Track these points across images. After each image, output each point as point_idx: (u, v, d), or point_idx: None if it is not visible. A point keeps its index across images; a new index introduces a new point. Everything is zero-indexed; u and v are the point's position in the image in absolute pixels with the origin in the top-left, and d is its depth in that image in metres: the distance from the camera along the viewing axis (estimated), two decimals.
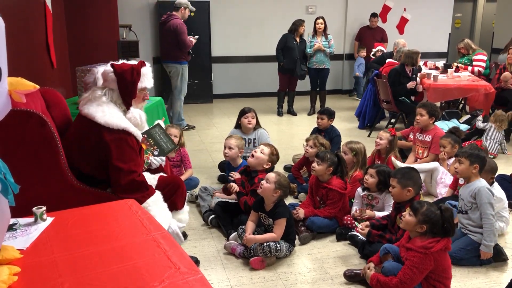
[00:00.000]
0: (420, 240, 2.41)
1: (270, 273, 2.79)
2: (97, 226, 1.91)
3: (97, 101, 2.51)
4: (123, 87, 2.56)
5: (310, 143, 3.99)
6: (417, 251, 2.36)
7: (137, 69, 2.59)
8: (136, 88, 2.61)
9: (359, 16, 9.10)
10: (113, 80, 2.54)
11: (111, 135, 2.45)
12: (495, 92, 5.92)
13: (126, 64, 2.59)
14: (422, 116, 4.30)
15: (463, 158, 2.95)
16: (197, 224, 3.47)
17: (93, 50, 5.66)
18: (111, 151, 2.45)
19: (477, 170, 2.93)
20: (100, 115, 2.45)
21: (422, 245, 2.37)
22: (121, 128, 2.47)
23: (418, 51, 5.92)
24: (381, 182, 3.24)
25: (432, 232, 2.40)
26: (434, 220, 2.38)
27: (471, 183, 2.95)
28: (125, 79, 2.54)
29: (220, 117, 7.35)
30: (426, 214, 2.40)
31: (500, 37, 9.28)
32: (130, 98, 2.60)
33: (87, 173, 2.55)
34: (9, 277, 1.45)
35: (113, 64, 2.58)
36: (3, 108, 1.50)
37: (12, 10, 3.42)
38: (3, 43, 1.46)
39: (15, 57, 3.30)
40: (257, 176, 3.34)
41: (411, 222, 2.44)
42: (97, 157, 2.50)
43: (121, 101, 2.59)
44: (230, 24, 8.60)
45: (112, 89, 2.56)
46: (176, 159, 4.14)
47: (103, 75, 2.56)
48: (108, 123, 2.44)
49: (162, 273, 1.51)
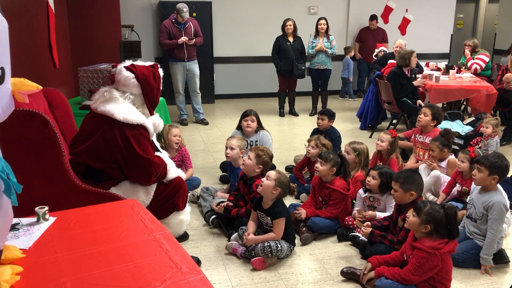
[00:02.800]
0: (429, 240, 2.39)
1: (271, 273, 2.80)
2: (99, 226, 1.92)
3: (115, 101, 2.55)
4: (149, 94, 2.62)
5: (312, 143, 3.99)
6: (426, 251, 2.34)
7: (157, 73, 2.65)
8: (159, 93, 2.68)
9: (361, 17, 9.10)
10: (135, 85, 2.58)
11: (132, 131, 2.53)
12: (497, 93, 5.91)
13: (144, 68, 2.61)
14: (425, 116, 4.28)
15: (483, 167, 2.84)
16: (199, 224, 3.47)
17: (95, 50, 5.68)
18: (133, 145, 2.52)
19: (496, 181, 2.84)
20: (118, 111, 2.50)
21: (431, 246, 2.35)
22: (140, 123, 2.55)
23: (412, 50, 5.89)
24: (383, 184, 3.23)
25: (437, 231, 2.37)
26: (437, 219, 2.36)
27: (488, 193, 2.86)
28: (150, 85, 2.60)
29: (222, 118, 7.36)
30: (429, 213, 2.38)
31: (502, 38, 9.27)
32: (156, 103, 2.69)
33: (99, 168, 2.59)
34: (12, 277, 1.46)
35: (132, 68, 2.59)
36: (7, 109, 1.50)
37: (15, 10, 3.43)
38: (6, 44, 1.46)
39: (18, 57, 3.31)
40: (253, 182, 3.27)
41: (415, 223, 2.43)
42: (115, 153, 2.55)
43: (144, 106, 2.65)
44: (232, 25, 8.61)
45: (134, 94, 2.61)
46: (178, 158, 4.14)
47: (123, 80, 2.58)
48: (127, 119, 2.50)
49: (164, 273, 1.52)
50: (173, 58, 6.57)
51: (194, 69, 6.68)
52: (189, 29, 6.47)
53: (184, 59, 6.53)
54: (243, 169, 3.39)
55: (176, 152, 4.16)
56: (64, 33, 5.13)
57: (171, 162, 2.83)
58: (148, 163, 2.58)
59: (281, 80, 7.38)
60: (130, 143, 2.52)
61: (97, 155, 2.56)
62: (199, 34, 6.59)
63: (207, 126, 6.80)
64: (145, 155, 2.56)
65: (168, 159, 2.83)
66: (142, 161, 2.56)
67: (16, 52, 1.88)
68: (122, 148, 2.52)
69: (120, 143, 2.51)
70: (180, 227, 2.86)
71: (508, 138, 5.73)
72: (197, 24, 6.63)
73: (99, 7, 5.94)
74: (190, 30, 6.48)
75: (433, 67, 7.49)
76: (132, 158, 2.55)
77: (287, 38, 7.10)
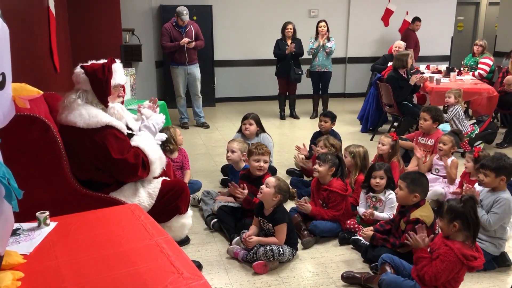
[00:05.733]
0: (463, 247, 2.31)
1: (272, 277, 2.79)
2: (100, 230, 1.91)
3: (72, 105, 2.51)
4: (97, 86, 2.56)
5: (321, 144, 4.00)
6: (457, 255, 2.28)
7: (108, 66, 2.59)
8: (110, 86, 2.61)
9: (362, 19, 9.11)
10: (85, 80, 2.54)
11: (99, 134, 2.48)
12: (498, 96, 5.90)
13: (96, 64, 2.59)
14: (425, 121, 4.29)
15: (488, 170, 2.86)
16: (200, 228, 3.46)
17: (96, 54, 5.64)
18: (106, 150, 2.48)
19: (504, 181, 2.86)
20: (79, 119, 2.46)
21: (463, 254, 2.29)
22: (104, 125, 2.50)
23: (408, 52, 5.90)
24: (389, 179, 3.26)
25: (464, 227, 2.31)
26: (460, 212, 2.31)
27: (497, 192, 2.88)
28: (97, 78, 2.54)
29: (223, 121, 7.36)
30: (450, 210, 2.34)
31: (502, 40, 9.26)
32: (105, 96, 2.60)
33: (87, 179, 2.56)
34: (13, 282, 1.45)
35: (83, 65, 2.57)
36: (8, 114, 1.50)
37: (15, 14, 3.43)
38: (7, 48, 1.46)
39: (19, 62, 3.31)
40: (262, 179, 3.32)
41: (444, 227, 2.38)
42: (95, 160, 2.52)
43: (97, 101, 2.59)
44: (232, 28, 8.62)
45: (86, 90, 2.56)
46: (178, 159, 4.13)
47: (75, 77, 2.56)
48: (90, 124, 2.46)
49: (165, 278, 1.51)
50: (174, 62, 6.58)
51: (195, 72, 6.68)
52: (190, 33, 6.48)
53: (185, 63, 6.53)
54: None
55: (177, 152, 4.15)
56: (65, 38, 5.13)
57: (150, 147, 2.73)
58: (125, 163, 2.54)
59: (280, 82, 7.39)
60: (101, 148, 2.48)
61: (80, 167, 2.54)
62: (200, 38, 6.61)
63: (208, 129, 6.80)
64: (120, 157, 2.51)
65: (149, 145, 2.73)
66: (119, 164, 2.53)
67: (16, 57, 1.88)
68: (97, 155, 2.50)
69: (92, 150, 2.48)
70: (182, 231, 2.85)
71: (510, 141, 5.72)
72: (198, 27, 6.64)
73: (99, 11, 5.95)
74: (191, 33, 6.49)
75: (433, 70, 7.48)
76: (109, 163, 2.52)
77: (285, 42, 7.12)
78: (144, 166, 2.63)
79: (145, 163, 2.63)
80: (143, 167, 2.62)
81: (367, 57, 9.17)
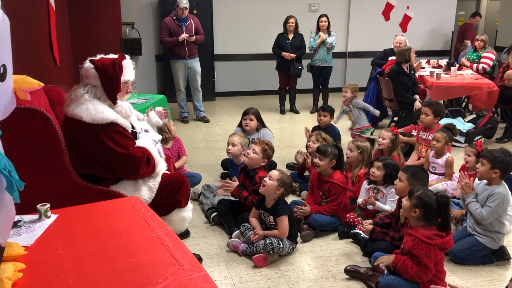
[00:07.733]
0: (423, 229, 2.40)
1: (272, 270, 2.80)
2: (101, 223, 1.92)
3: (79, 99, 2.49)
4: (107, 83, 2.54)
5: (313, 138, 4.01)
6: (422, 240, 2.35)
7: (119, 63, 2.58)
8: (119, 83, 2.60)
9: (362, 14, 9.08)
10: (95, 76, 2.52)
11: (104, 131, 2.48)
12: (498, 90, 5.90)
13: (106, 59, 2.57)
14: (427, 115, 4.29)
15: (485, 160, 2.85)
16: (200, 221, 3.48)
17: (96, 48, 5.64)
18: (110, 146, 2.48)
19: (497, 175, 2.84)
20: (85, 114, 2.45)
21: (425, 235, 2.36)
22: (110, 121, 2.49)
23: (410, 47, 5.88)
24: (388, 175, 3.25)
25: (426, 217, 2.39)
26: (427, 204, 2.38)
27: (491, 186, 2.87)
28: (107, 74, 2.53)
29: (223, 115, 7.35)
30: (420, 197, 2.40)
31: (503, 35, 9.24)
32: (115, 93, 2.59)
33: (89, 174, 2.57)
34: (14, 274, 1.46)
35: (93, 59, 2.55)
36: (9, 106, 1.50)
37: (15, 7, 3.42)
38: (8, 41, 1.46)
39: (19, 54, 3.31)
40: (256, 174, 3.34)
41: (406, 207, 2.46)
42: (97, 156, 2.51)
43: (105, 97, 2.58)
44: (232, 22, 8.59)
45: (95, 85, 2.55)
46: (175, 148, 4.13)
47: (84, 72, 2.55)
48: (95, 120, 2.45)
49: (166, 270, 1.52)
50: (174, 56, 6.56)
51: (195, 66, 6.67)
52: (190, 27, 6.46)
53: (185, 57, 6.52)
54: (246, 162, 3.43)
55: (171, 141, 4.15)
56: (64, 31, 5.12)
57: (155, 150, 2.76)
58: (130, 158, 2.54)
59: (280, 76, 7.39)
60: (106, 144, 2.48)
61: (82, 162, 2.53)
62: (200, 32, 6.59)
63: (208, 123, 6.80)
64: (124, 151, 2.52)
65: (152, 146, 2.77)
66: (124, 158, 2.52)
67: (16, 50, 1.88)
68: (100, 150, 2.49)
69: (96, 146, 2.48)
70: (182, 224, 2.86)
71: (510, 136, 5.72)
72: (198, 21, 6.62)
73: (99, 4, 5.92)
74: (191, 27, 6.47)
75: (434, 64, 7.47)
76: (113, 158, 2.52)
77: (286, 36, 7.10)
78: (148, 161, 2.63)
79: (149, 159, 2.64)
80: (147, 162, 2.63)
81: (367, 52, 9.15)
